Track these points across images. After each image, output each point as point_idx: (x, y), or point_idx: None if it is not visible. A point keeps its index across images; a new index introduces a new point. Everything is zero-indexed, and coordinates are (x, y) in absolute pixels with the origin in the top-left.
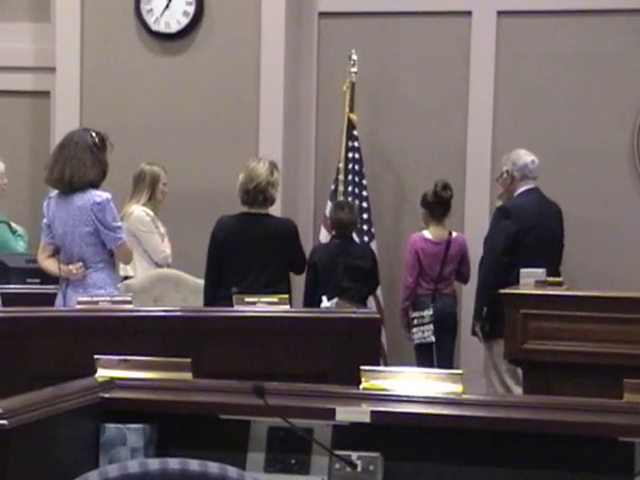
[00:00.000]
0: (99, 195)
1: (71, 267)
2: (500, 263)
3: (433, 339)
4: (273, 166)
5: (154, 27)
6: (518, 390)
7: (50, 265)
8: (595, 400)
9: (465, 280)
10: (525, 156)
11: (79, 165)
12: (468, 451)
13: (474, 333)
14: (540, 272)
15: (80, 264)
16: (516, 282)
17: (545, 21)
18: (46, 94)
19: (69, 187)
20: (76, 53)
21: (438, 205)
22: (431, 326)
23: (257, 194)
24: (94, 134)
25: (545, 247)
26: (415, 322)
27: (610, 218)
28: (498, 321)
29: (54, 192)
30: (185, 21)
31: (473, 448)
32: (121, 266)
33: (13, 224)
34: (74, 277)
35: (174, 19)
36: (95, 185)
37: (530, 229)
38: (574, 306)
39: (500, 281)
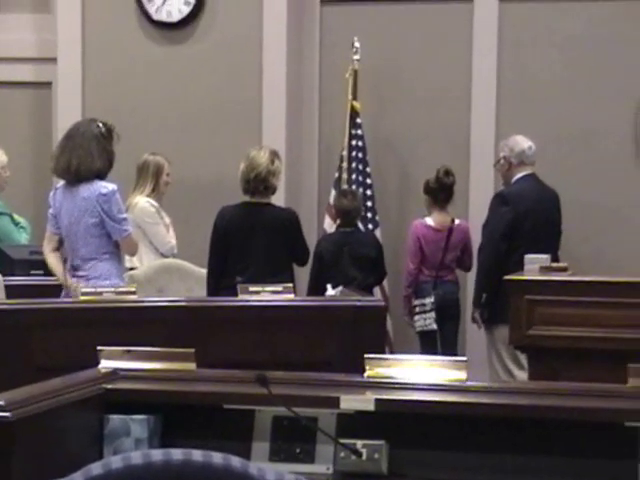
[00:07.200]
0: (105, 186)
1: (74, 284)
2: (498, 250)
3: (435, 327)
4: (274, 155)
5: (155, 16)
6: (521, 375)
7: (54, 265)
8: (600, 385)
9: (467, 268)
10: (522, 142)
11: (86, 155)
12: (473, 438)
13: (474, 319)
14: (545, 258)
15: (82, 284)
16: (515, 268)
17: (546, 6)
18: (48, 85)
19: (75, 177)
20: (77, 43)
21: (440, 191)
22: (433, 314)
23: (258, 183)
24: (101, 124)
25: (543, 233)
26: (417, 310)
27: (612, 203)
28: (498, 307)
29: (61, 183)
30: (186, 10)
31: (478, 435)
32: (127, 258)
33: (16, 216)
34: (72, 291)
35: (175, 8)
36: (102, 175)
37: (527, 215)
38: (579, 291)
39: (499, 268)
